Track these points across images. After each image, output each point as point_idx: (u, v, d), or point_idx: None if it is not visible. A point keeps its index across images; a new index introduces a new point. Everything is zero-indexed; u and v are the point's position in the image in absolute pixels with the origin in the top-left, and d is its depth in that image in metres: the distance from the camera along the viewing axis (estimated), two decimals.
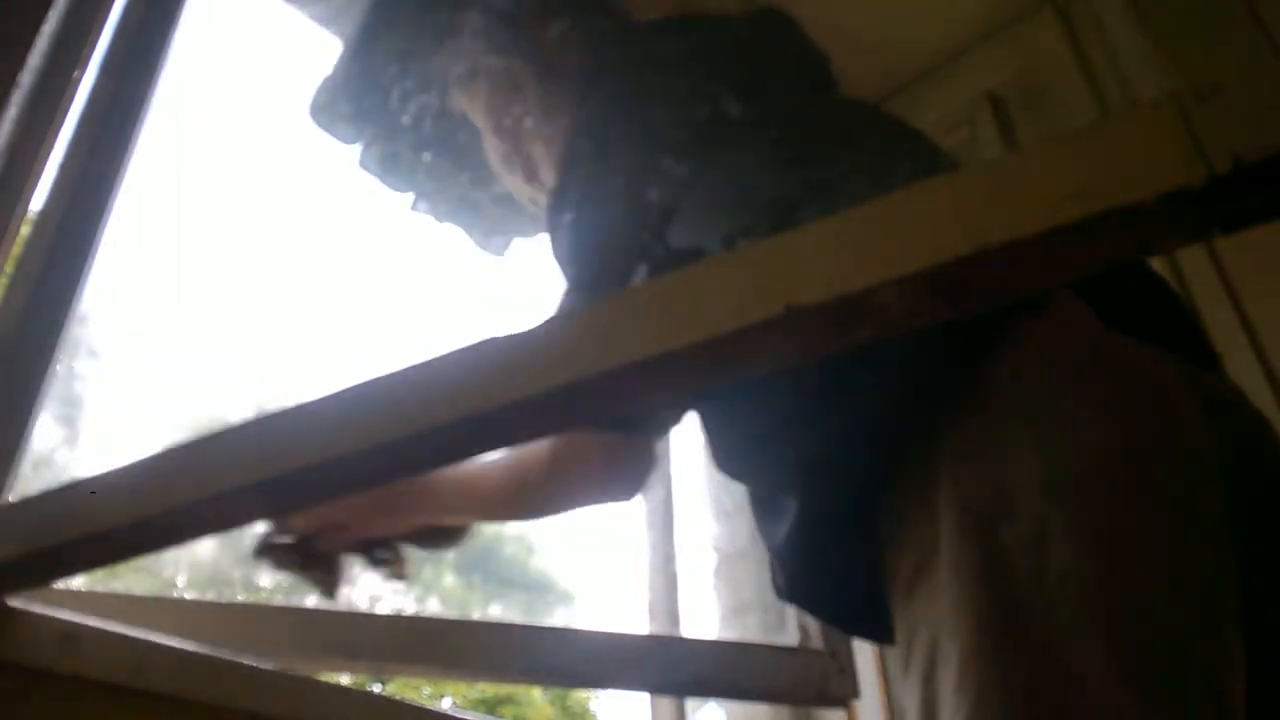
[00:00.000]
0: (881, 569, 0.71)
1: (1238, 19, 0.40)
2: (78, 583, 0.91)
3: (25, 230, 0.90)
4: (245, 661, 0.78)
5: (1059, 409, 0.62)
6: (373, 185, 1.29)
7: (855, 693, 1.12)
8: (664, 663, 1.06)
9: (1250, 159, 0.37)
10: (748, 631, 1.63)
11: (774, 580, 0.83)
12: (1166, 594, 0.56)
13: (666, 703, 1.41)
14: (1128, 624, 0.55)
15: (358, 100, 1.24)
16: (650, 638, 1.09)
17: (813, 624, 1.15)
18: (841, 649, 1.14)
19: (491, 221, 1.33)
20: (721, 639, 1.23)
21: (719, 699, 1.49)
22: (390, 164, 1.26)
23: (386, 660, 0.97)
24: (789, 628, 1.22)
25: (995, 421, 0.63)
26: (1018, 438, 0.62)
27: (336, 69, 1.25)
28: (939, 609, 0.62)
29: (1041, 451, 0.60)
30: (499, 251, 1.37)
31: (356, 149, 1.27)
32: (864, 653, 1.47)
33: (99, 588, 0.93)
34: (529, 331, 0.51)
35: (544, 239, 1.38)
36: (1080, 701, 0.53)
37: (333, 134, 1.26)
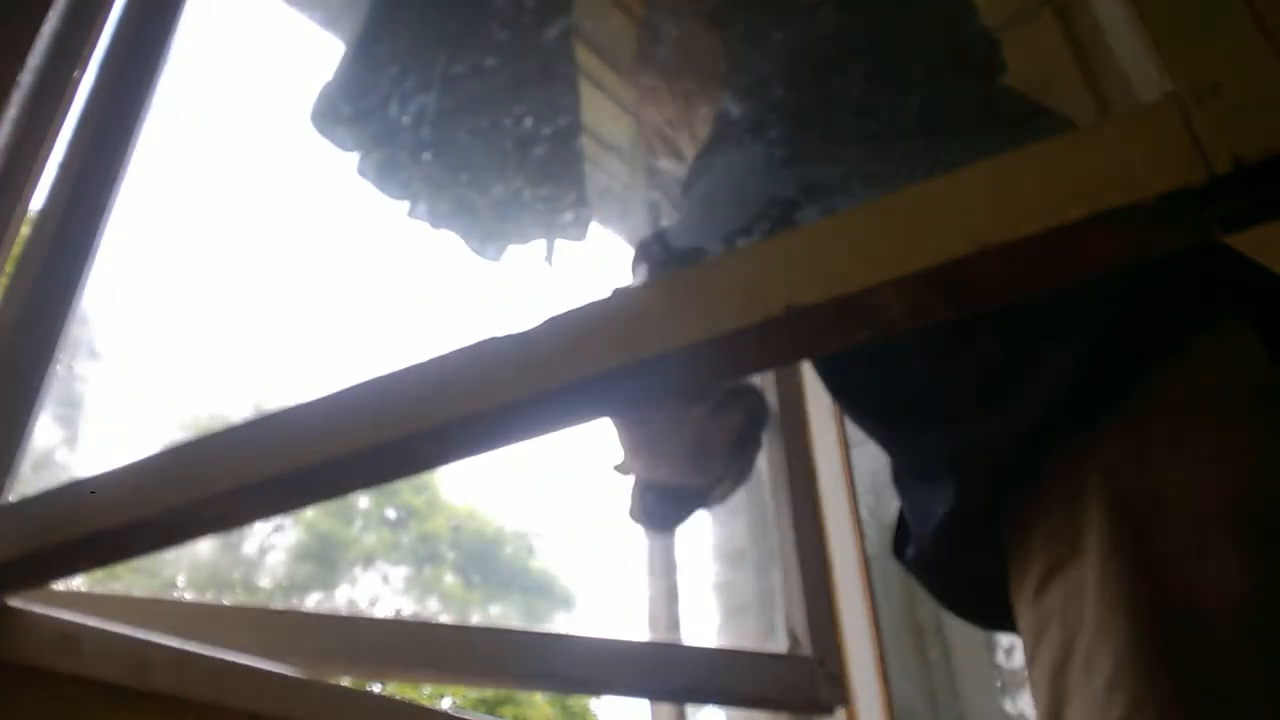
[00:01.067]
0: (1008, 559, 0.71)
1: (1238, 19, 0.40)
2: (77, 584, 0.91)
3: (25, 230, 0.90)
4: (245, 662, 0.78)
5: (1213, 439, 0.62)
6: (371, 191, 1.29)
7: (844, 699, 1.14)
8: (658, 670, 1.06)
9: (1250, 159, 0.37)
10: (746, 632, 1.64)
11: (897, 549, 0.84)
12: None
13: (666, 704, 1.41)
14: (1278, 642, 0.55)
15: (357, 101, 1.24)
16: (645, 644, 1.09)
17: (802, 631, 1.16)
18: (830, 656, 1.15)
19: (487, 228, 1.33)
20: (714, 646, 1.24)
21: (713, 705, 1.49)
22: (388, 170, 1.27)
23: (385, 665, 0.97)
24: (782, 631, 1.23)
25: (1156, 446, 0.63)
26: (1184, 447, 0.62)
27: (337, 72, 1.25)
28: (1079, 607, 0.62)
29: (1208, 464, 0.61)
30: (495, 257, 1.37)
31: (354, 157, 1.27)
32: (864, 654, 1.47)
33: (98, 589, 0.93)
34: (529, 332, 0.51)
35: (543, 243, 1.38)
36: (1227, 716, 0.54)
37: (332, 140, 1.26)
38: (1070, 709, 0.61)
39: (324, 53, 1.33)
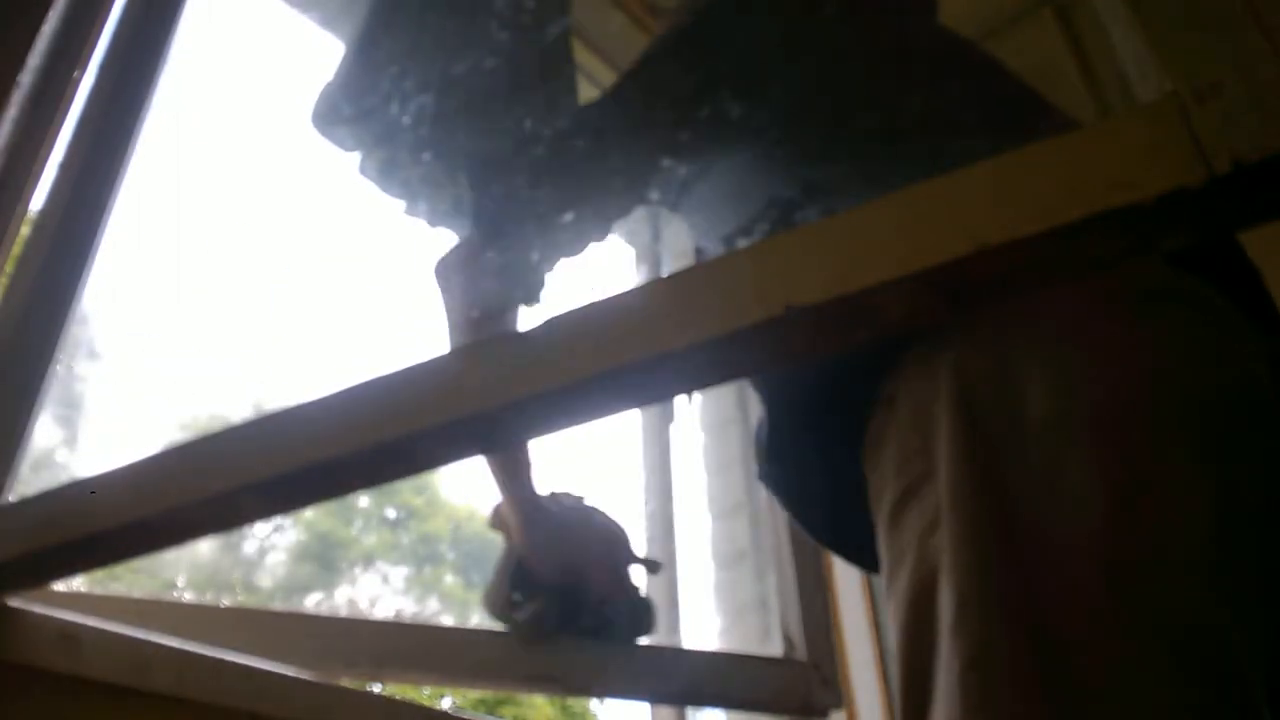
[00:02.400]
0: (867, 489, 0.64)
1: (1238, 19, 0.40)
2: (77, 584, 0.91)
3: (25, 230, 0.90)
4: (245, 662, 0.78)
5: (1091, 339, 0.55)
6: (372, 189, 1.29)
7: (838, 703, 1.14)
8: (656, 673, 1.07)
9: (1250, 159, 0.37)
10: (748, 632, 1.64)
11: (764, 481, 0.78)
12: (1185, 554, 0.50)
13: (666, 706, 1.41)
14: (1139, 580, 0.49)
15: (358, 102, 1.24)
16: (642, 647, 1.10)
17: (797, 635, 1.17)
18: (825, 660, 1.16)
19: None
20: (710, 649, 1.25)
21: (710, 708, 1.50)
22: (389, 170, 1.27)
23: (384, 667, 0.97)
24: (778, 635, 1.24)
25: (1018, 346, 0.56)
26: (1043, 365, 0.55)
27: (338, 72, 1.25)
28: (936, 538, 0.55)
29: (1066, 383, 0.54)
30: None
31: (355, 156, 1.27)
32: (864, 654, 1.47)
33: (98, 589, 0.93)
34: (529, 332, 0.51)
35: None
36: (1083, 661, 0.49)
37: (333, 140, 1.26)
38: (937, 649, 0.53)
39: (323, 52, 1.34)
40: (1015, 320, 0.57)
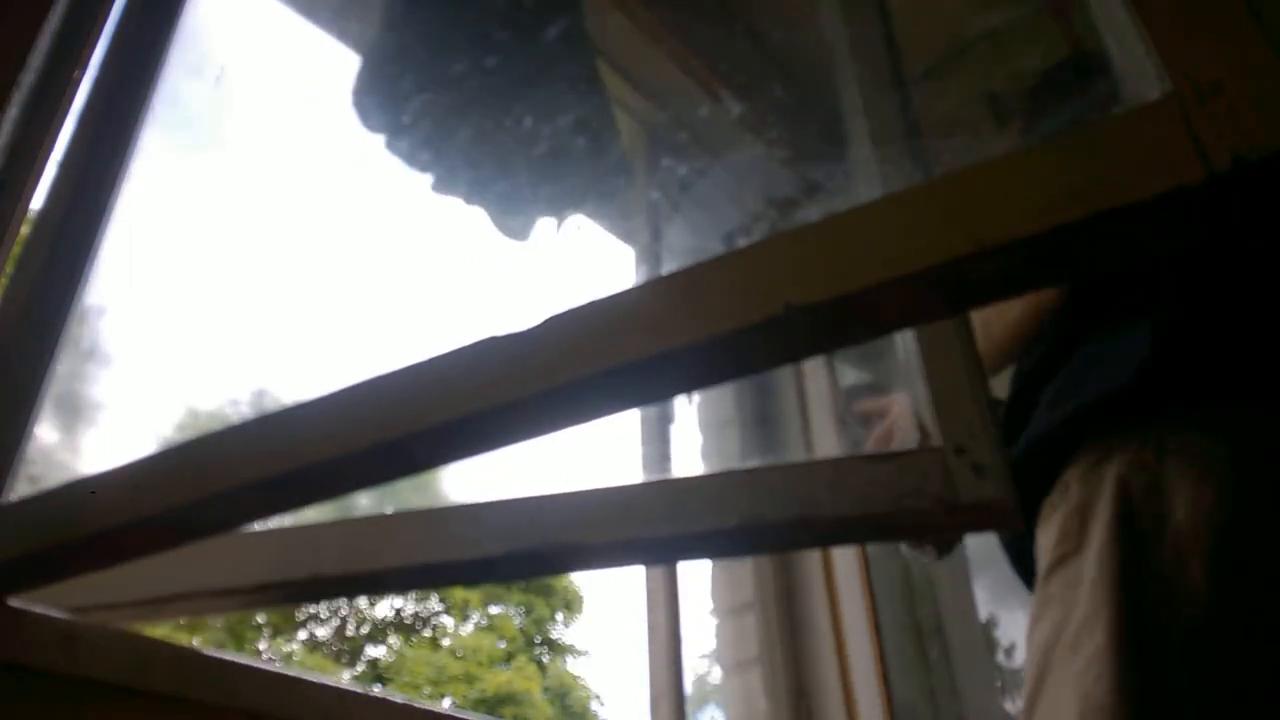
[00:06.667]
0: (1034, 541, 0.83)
1: (1238, 19, 0.40)
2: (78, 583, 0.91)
3: (25, 230, 0.90)
4: (245, 661, 0.78)
5: (1230, 480, 0.70)
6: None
7: (1008, 502, 0.60)
8: (711, 506, 0.65)
9: (1250, 159, 0.37)
10: (747, 632, 1.64)
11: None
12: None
13: (667, 703, 1.41)
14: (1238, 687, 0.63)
15: (388, 108, 1.23)
16: (698, 477, 0.69)
17: (931, 422, 0.64)
18: (974, 444, 0.61)
19: (521, 198, 1.31)
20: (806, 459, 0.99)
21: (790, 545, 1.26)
22: (423, 146, 1.25)
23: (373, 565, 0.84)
24: None
25: (1172, 476, 0.72)
26: (1188, 492, 0.70)
27: (368, 66, 1.25)
28: (1074, 596, 0.72)
29: (1198, 493, 0.69)
30: (521, 234, 1.33)
31: (380, 137, 1.26)
32: (864, 654, 1.47)
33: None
34: (528, 331, 0.51)
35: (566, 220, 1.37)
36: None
37: (366, 120, 1.24)
38: (1051, 676, 0.72)
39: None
40: (1174, 453, 0.73)
